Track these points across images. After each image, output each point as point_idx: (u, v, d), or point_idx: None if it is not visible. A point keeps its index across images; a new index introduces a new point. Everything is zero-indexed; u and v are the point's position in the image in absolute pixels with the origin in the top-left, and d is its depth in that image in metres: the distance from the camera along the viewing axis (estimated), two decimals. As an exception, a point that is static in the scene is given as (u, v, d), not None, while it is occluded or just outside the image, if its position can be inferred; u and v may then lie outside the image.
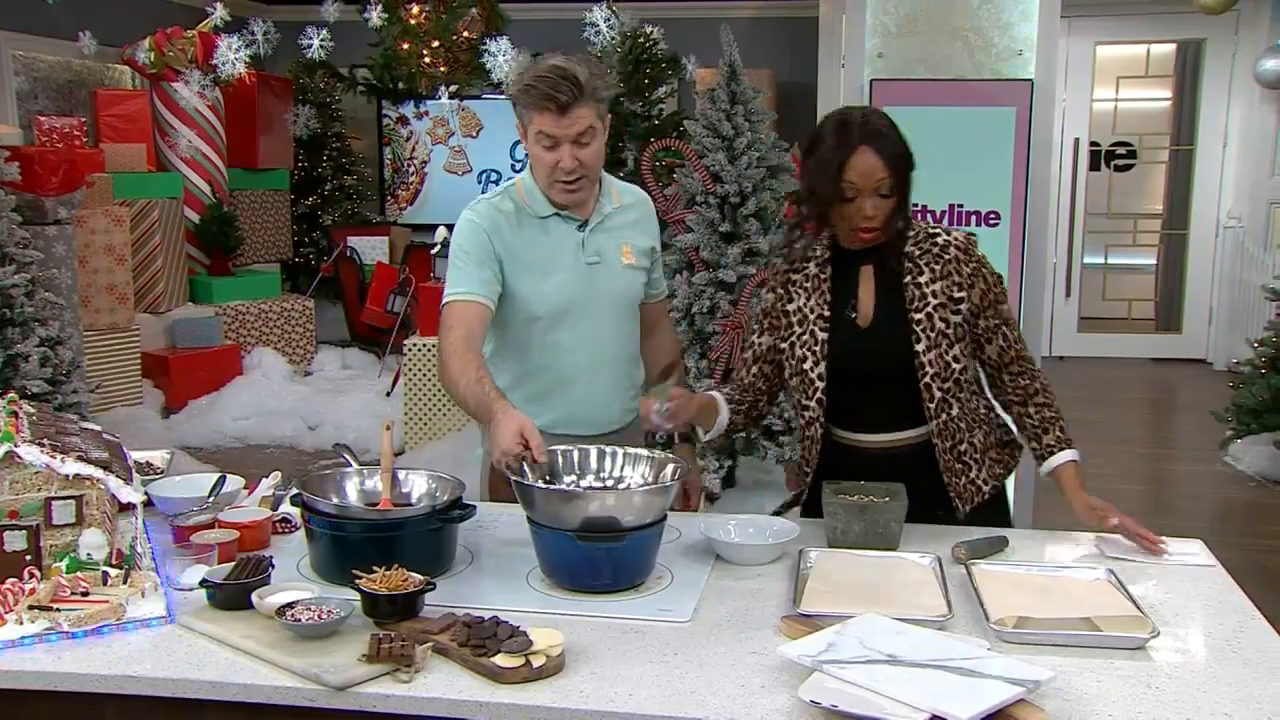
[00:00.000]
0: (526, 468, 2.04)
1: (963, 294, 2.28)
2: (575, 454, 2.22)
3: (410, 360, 6.47)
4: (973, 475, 2.34)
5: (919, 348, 2.27)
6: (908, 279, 2.29)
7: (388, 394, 7.33)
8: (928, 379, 2.28)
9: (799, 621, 1.81)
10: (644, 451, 2.24)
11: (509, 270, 2.45)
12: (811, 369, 2.34)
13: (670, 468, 2.15)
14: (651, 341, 2.69)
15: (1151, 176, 9.85)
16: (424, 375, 6.42)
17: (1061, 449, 2.31)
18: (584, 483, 2.19)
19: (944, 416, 2.30)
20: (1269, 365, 6.31)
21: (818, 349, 2.34)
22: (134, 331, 7.14)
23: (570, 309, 2.46)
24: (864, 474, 2.32)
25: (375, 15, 7.18)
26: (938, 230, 2.32)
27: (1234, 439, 6.53)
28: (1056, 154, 8.92)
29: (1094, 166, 9.64)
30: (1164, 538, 2.21)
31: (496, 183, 10.43)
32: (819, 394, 2.34)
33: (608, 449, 2.24)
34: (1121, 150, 9.72)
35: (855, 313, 2.34)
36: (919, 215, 4.11)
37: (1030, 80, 3.91)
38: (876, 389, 2.33)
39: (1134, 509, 2.40)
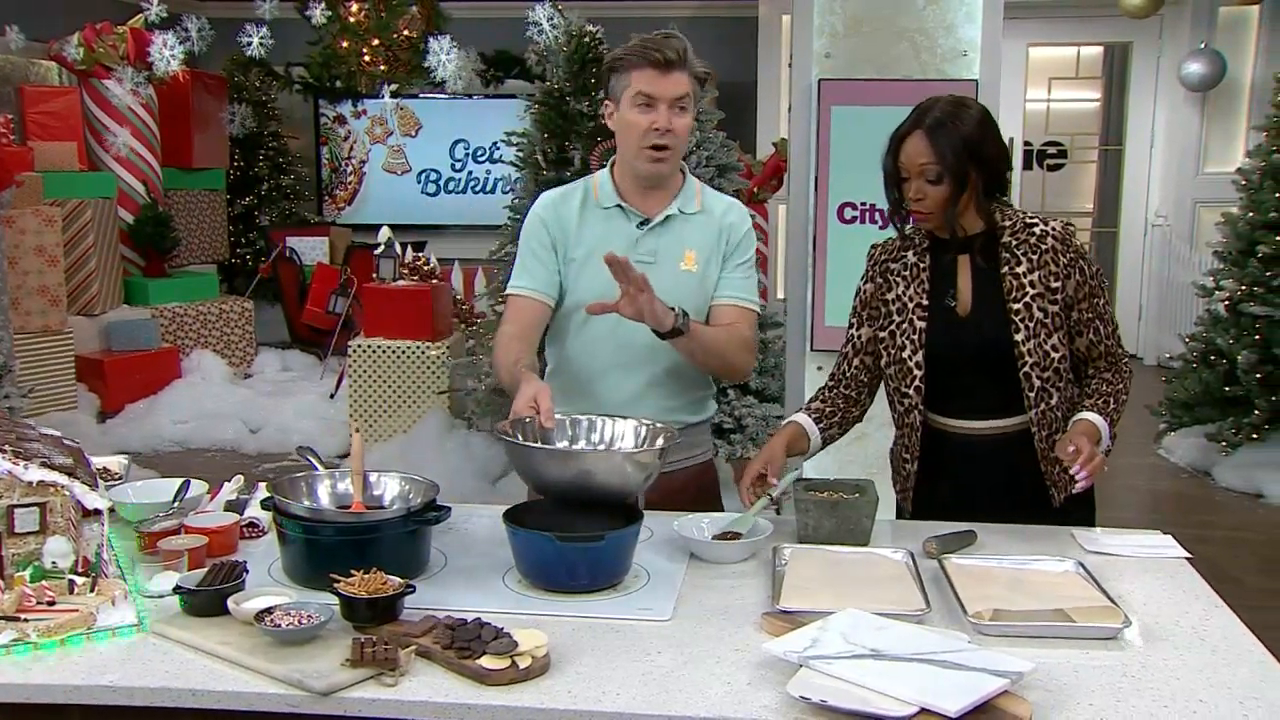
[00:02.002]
0: (529, 431, 2.14)
1: (1058, 284, 2.30)
2: (567, 423, 2.27)
3: (355, 362, 6.40)
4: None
5: (1018, 337, 2.30)
6: (1005, 269, 2.32)
7: (331, 396, 7.25)
8: (1027, 368, 2.31)
9: (779, 618, 1.82)
10: (634, 421, 2.28)
11: (562, 257, 2.47)
12: (910, 357, 2.38)
13: (661, 438, 2.19)
14: None
15: (1082, 176, 10.08)
16: (369, 377, 6.36)
17: (1092, 411, 2.29)
18: (576, 447, 2.25)
19: (1043, 405, 2.32)
20: (1200, 360, 6.48)
21: (916, 337, 2.37)
22: (67, 334, 6.99)
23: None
24: (961, 461, 2.38)
25: (318, 13, 7.09)
26: (1035, 220, 2.34)
27: (1167, 432, 6.71)
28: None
29: (1026, 166, 9.83)
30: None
31: (436, 183, 10.38)
32: (917, 382, 2.38)
33: (598, 418, 2.29)
34: (1053, 150, 9.93)
35: (954, 301, 2.37)
36: (869, 212, 4.22)
37: (975, 80, 3.97)
38: (975, 377, 2.37)
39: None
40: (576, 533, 1.95)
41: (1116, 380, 2.37)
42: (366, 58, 7.54)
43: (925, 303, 2.38)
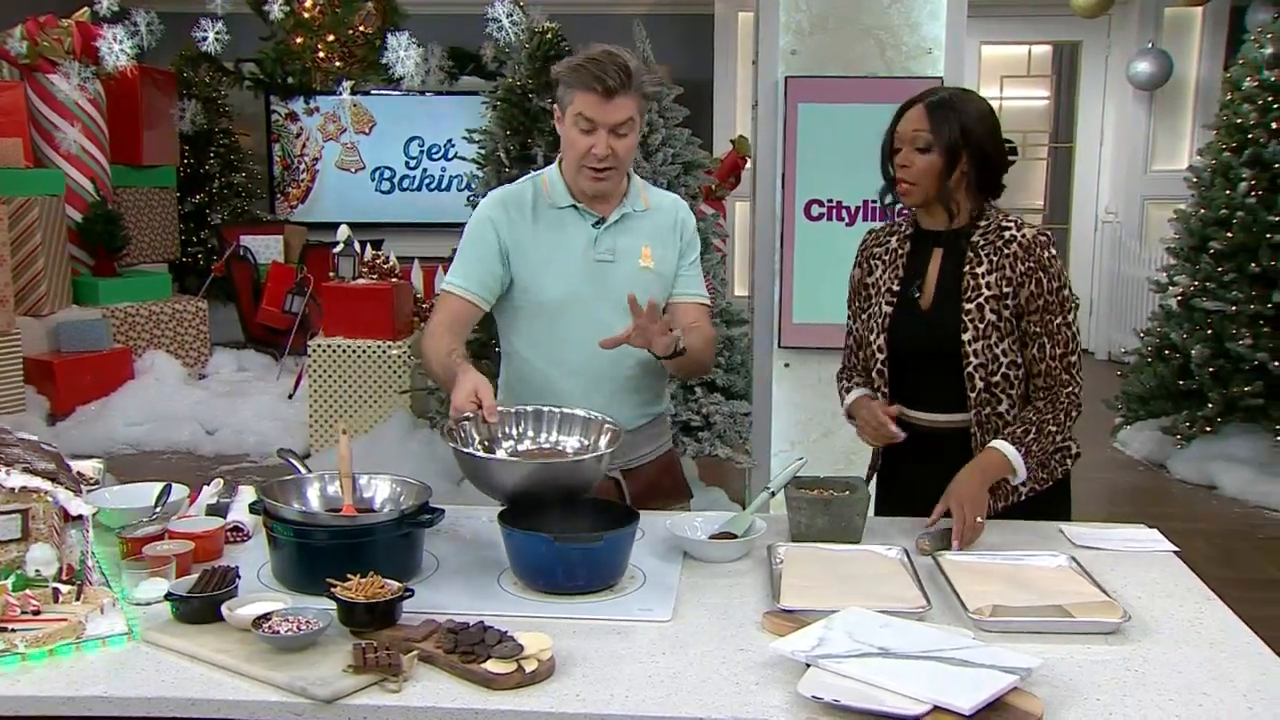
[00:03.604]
0: (473, 429, 2.14)
1: (1010, 289, 2.29)
2: (512, 414, 2.27)
3: (314, 361, 6.32)
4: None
5: (965, 336, 2.30)
6: (966, 268, 2.33)
7: (290, 396, 7.15)
8: (972, 369, 2.31)
9: (782, 617, 1.82)
10: (580, 412, 2.30)
11: (515, 260, 2.44)
12: (874, 340, 2.41)
13: (607, 435, 2.19)
14: None
15: (1033, 173, 10.19)
16: (329, 377, 6.28)
17: (1007, 441, 2.26)
18: (521, 447, 2.24)
19: (988, 409, 2.32)
20: (1154, 354, 6.58)
21: (881, 321, 2.40)
22: (15, 335, 6.82)
23: (573, 303, 2.43)
24: (914, 452, 2.38)
25: (276, 8, 6.98)
26: (1010, 224, 2.33)
27: (1123, 426, 6.80)
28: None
29: (979, 163, 9.92)
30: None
31: (391, 180, 10.27)
32: (879, 365, 2.41)
33: (544, 409, 2.30)
34: (1004, 147, 10.03)
35: (920, 293, 2.39)
36: (836, 209, 4.23)
37: (940, 78, 4.00)
38: (929, 370, 2.37)
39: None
40: (572, 533, 1.93)
41: (1046, 410, 2.30)
42: (321, 54, 7.44)
43: (895, 288, 2.41)
